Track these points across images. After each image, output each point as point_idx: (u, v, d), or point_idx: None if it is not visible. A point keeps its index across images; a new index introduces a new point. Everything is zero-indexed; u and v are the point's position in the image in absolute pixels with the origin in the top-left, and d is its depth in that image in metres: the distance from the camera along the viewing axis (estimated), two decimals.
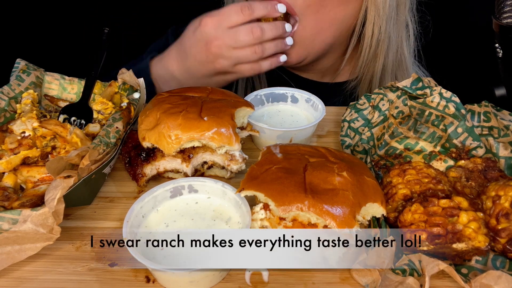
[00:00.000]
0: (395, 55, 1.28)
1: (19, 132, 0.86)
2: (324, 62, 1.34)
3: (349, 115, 1.02)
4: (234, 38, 1.05)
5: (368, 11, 1.17)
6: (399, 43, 1.27)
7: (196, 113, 0.84)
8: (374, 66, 1.28)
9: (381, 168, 0.92)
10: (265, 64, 1.12)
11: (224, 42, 1.06)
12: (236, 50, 1.07)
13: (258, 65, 1.11)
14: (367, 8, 1.17)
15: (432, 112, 0.95)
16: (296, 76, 1.40)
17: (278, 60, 1.14)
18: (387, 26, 1.19)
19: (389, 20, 1.19)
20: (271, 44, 1.09)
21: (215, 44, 1.06)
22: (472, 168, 0.85)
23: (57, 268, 0.72)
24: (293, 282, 0.70)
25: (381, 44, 1.22)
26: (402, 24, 1.25)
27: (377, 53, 1.24)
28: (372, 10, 1.16)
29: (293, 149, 0.80)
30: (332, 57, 1.33)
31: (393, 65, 1.29)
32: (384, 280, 0.67)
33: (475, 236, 0.67)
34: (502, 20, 1.04)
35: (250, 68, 1.11)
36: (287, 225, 0.70)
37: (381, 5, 1.14)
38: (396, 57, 1.28)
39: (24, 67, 0.99)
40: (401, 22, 1.24)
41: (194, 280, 0.66)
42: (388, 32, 1.21)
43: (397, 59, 1.28)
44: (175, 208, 0.77)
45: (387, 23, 1.18)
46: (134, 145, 0.90)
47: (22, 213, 0.67)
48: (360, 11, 1.18)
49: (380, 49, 1.24)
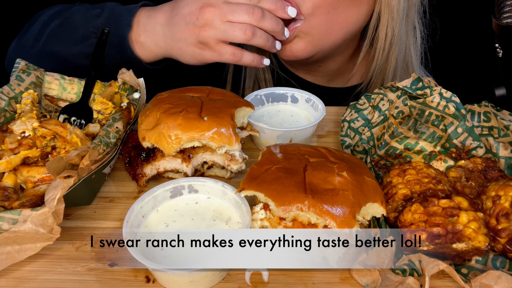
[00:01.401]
0: (403, 58, 1.27)
1: (19, 132, 0.86)
2: (331, 64, 1.33)
3: (349, 115, 1.02)
4: (232, 10, 1.00)
5: (381, 14, 1.15)
6: (407, 46, 1.27)
7: (196, 113, 0.84)
8: (386, 69, 1.27)
9: (381, 168, 0.92)
10: (247, 57, 1.07)
11: (220, 11, 1.00)
12: (228, 24, 1.01)
13: (241, 53, 1.06)
14: (380, 11, 1.15)
15: (432, 112, 0.95)
16: (302, 81, 1.39)
17: (261, 61, 1.09)
18: (400, 29, 1.18)
19: (402, 22, 1.18)
20: (263, 33, 1.04)
21: (210, 10, 1.01)
22: (472, 168, 0.85)
23: (57, 268, 0.72)
24: (293, 282, 0.70)
25: (394, 47, 1.21)
26: (411, 27, 1.24)
27: (389, 57, 1.23)
28: (386, 13, 1.15)
29: (293, 149, 0.80)
30: (338, 60, 1.32)
31: (401, 68, 1.28)
32: (384, 280, 0.67)
33: (475, 236, 0.67)
34: (502, 20, 1.04)
35: (232, 53, 1.05)
36: (287, 225, 0.70)
37: (395, 7, 1.13)
38: (404, 60, 1.27)
39: (24, 67, 0.99)
40: (410, 25, 1.23)
41: (194, 280, 0.66)
42: (400, 35, 1.20)
43: (404, 62, 1.27)
44: (175, 208, 0.77)
45: (400, 25, 1.18)
46: (134, 145, 0.90)
47: (22, 213, 0.67)
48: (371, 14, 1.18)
49: (392, 52, 1.23)
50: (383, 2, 1.14)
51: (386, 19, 1.16)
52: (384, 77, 1.28)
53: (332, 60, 1.31)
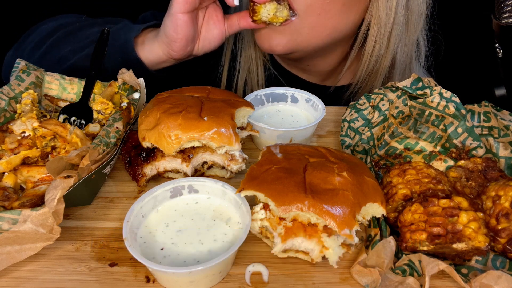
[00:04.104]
0: (402, 73, 1.27)
1: (19, 132, 0.86)
2: (321, 65, 1.33)
3: (349, 115, 1.02)
4: None
5: (370, 27, 1.15)
6: (407, 62, 1.26)
7: (196, 113, 0.84)
8: (374, 81, 1.27)
9: (381, 168, 0.92)
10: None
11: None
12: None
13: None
14: (370, 23, 1.15)
15: (432, 112, 0.95)
16: (296, 78, 1.39)
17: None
18: (391, 44, 1.18)
19: (395, 38, 1.17)
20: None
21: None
22: (472, 168, 0.85)
23: (57, 268, 0.72)
24: (293, 282, 0.70)
25: (382, 61, 1.21)
26: (412, 43, 1.23)
27: (378, 70, 1.23)
28: (375, 26, 1.14)
29: (293, 149, 0.80)
30: (329, 61, 1.32)
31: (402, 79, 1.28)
32: (384, 280, 0.67)
33: (475, 236, 0.67)
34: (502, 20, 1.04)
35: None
36: (287, 225, 0.70)
37: (383, 22, 1.13)
38: (403, 76, 1.27)
39: (24, 67, 0.99)
40: (411, 42, 1.22)
41: (194, 280, 0.66)
42: (393, 50, 1.19)
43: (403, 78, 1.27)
44: (175, 208, 0.77)
45: (392, 40, 1.17)
46: (134, 145, 0.90)
47: (22, 213, 0.67)
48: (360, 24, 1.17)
49: (381, 66, 1.22)
50: (373, 15, 1.14)
51: (375, 33, 1.15)
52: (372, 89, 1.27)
53: (322, 61, 1.31)
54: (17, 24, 1.46)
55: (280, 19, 1.07)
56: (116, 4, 1.56)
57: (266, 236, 0.75)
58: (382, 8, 1.11)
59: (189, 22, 1.04)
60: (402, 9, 1.14)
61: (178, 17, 1.03)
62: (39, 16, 1.33)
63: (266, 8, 1.04)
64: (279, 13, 1.06)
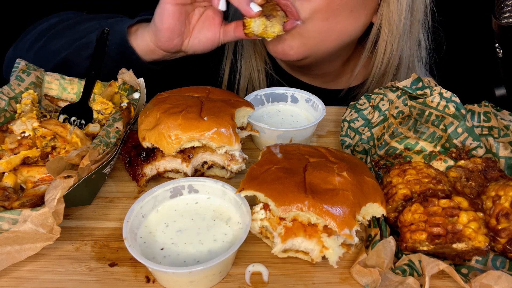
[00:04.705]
0: (406, 71, 1.27)
1: (19, 132, 0.86)
2: (325, 68, 1.33)
3: (349, 115, 1.02)
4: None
5: (382, 29, 1.15)
6: (411, 60, 1.27)
7: (196, 113, 0.84)
8: (383, 82, 1.27)
9: (381, 168, 0.92)
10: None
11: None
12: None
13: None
14: (380, 25, 1.15)
15: (432, 112, 0.95)
16: (298, 81, 1.39)
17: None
18: (400, 44, 1.18)
19: (402, 37, 1.17)
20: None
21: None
22: (472, 168, 0.85)
23: (57, 268, 0.72)
24: (293, 282, 0.70)
25: (392, 61, 1.22)
26: (414, 41, 1.24)
27: (387, 71, 1.24)
28: (386, 28, 1.15)
29: (293, 149, 0.80)
30: (333, 64, 1.32)
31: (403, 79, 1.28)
32: (384, 280, 0.67)
33: (475, 236, 0.67)
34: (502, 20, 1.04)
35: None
36: (287, 225, 0.70)
37: (395, 23, 1.13)
38: (407, 74, 1.27)
39: (24, 67, 0.99)
40: (414, 39, 1.23)
41: (194, 280, 0.66)
42: (400, 49, 1.20)
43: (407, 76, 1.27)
44: (175, 208, 0.77)
45: (400, 41, 1.17)
46: (134, 145, 0.90)
47: (22, 213, 0.67)
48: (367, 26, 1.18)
49: (390, 67, 1.23)
50: (384, 17, 1.14)
51: (386, 34, 1.16)
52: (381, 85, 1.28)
53: (326, 65, 1.32)
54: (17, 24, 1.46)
55: (270, 34, 1.05)
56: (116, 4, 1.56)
57: (266, 236, 0.75)
58: (393, 10, 1.12)
59: (176, 14, 1.05)
60: (409, 9, 1.14)
61: (166, 7, 1.04)
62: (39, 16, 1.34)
63: (256, 23, 1.04)
64: (269, 29, 1.04)
